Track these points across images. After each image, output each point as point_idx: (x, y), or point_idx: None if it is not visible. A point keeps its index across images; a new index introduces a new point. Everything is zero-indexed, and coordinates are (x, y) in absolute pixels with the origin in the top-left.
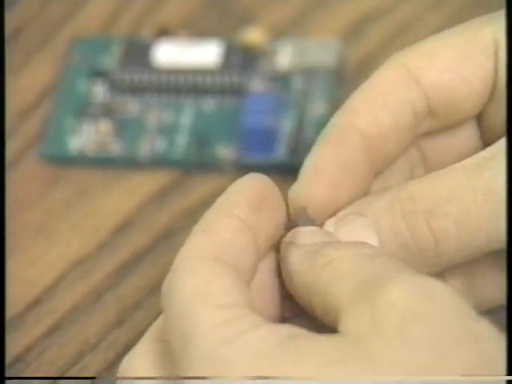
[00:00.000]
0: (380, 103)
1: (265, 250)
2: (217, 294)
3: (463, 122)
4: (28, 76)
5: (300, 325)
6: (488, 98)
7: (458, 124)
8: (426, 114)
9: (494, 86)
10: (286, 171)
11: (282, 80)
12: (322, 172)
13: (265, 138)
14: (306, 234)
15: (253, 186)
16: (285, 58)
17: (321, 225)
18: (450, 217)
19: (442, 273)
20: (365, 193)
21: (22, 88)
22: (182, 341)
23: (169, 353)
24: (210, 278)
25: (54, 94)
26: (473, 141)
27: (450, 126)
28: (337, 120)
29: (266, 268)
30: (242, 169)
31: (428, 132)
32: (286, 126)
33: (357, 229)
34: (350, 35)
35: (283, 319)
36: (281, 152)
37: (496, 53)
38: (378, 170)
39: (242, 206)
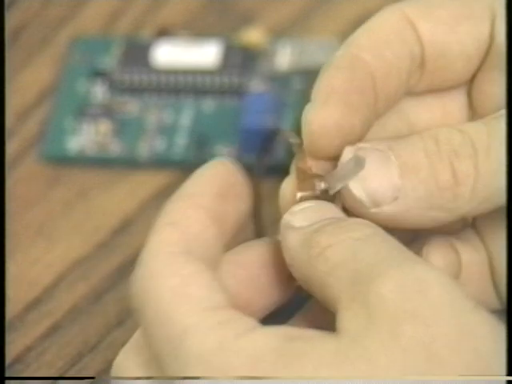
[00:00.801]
0: (384, 41)
1: (230, 239)
2: (200, 295)
3: (452, 85)
4: (28, 76)
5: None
6: (479, 64)
7: (447, 87)
8: (420, 64)
9: (488, 54)
10: (285, 171)
11: (281, 80)
12: (339, 93)
13: (264, 138)
14: (302, 214)
15: (218, 174)
16: (284, 58)
17: (337, 152)
18: (471, 159)
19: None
20: (369, 130)
21: (21, 88)
22: (171, 346)
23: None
24: (188, 278)
25: (53, 95)
26: (461, 112)
27: (439, 86)
28: (343, 51)
29: (253, 260)
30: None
31: (417, 90)
32: (286, 126)
33: (376, 159)
34: (350, 35)
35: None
36: (280, 152)
37: (493, 21)
38: (379, 111)
39: (207, 196)
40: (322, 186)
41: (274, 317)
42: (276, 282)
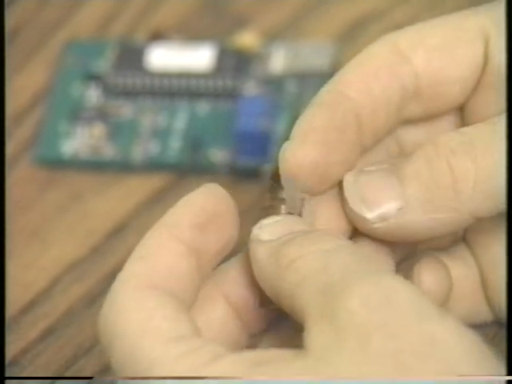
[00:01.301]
0: (372, 76)
1: (209, 270)
2: (164, 327)
3: (446, 110)
4: (22, 79)
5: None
6: (474, 85)
7: (440, 113)
8: (413, 95)
9: (484, 75)
10: None
11: (275, 83)
12: (317, 132)
13: (258, 142)
14: (270, 228)
15: (199, 204)
16: (278, 61)
17: (309, 191)
18: (469, 156)
19: None
20: (352, 165)
21: (15, 91)
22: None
23: None
24: (153, 311)
25: (47, 98)
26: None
27: (433, 113)
28: (329, 88)
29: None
30: (236, 172)
31: (410, 118)
32: (280, 129)
33: (377, 175)
34: (344, 38)
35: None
36: (274, 155)
37: (487, 41)
38: (365, 146)
39: (185, 227)
40: (283, 208)
41: None
42: (254, 312)
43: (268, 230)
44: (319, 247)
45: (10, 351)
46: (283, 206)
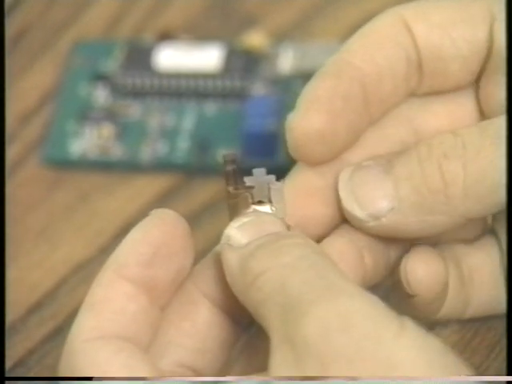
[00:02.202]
0: (376, 45)
1: (166, 300)
2: (122, 375)
3: (453, 87)
4: (30, 79)
5: None
6: (480, 67)
7: (448, 89)
8: (417, 67)
9: (489, 57)
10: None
11: (283, 84)
12: (322, 100)
13: (266, 142)
14: (240, 231)
15: (144, 239)
16: (286, 61)
17: (315, 161)
18: (460, 160)
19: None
20: (359, 135)
21: (24, 91)
22: None
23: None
24: (106, 363)
25: (56, 98)
26: (470, 117)
27: (440, 88)
28: (334, 58)
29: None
30: (244, 172)
31: (419, 92)
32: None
33: (371, 173)
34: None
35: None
36: (282, 156)
37: (492, 24)
38: (373, 116)
39: (130, 266)
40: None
41: None
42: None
43: (237, 233)
44: (279, 262)
45: (17, 352)
46: (250, 195)
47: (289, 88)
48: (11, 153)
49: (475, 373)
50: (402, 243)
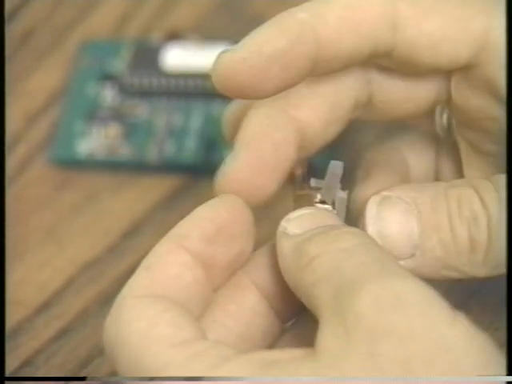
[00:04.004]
0: (351, 26)
1: (221, 282)
2: (167, 333)
3: (422, 73)
4: (37, 79)
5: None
6: (471, 57)
7: (415, 74)
8: (383, 56)
9: (468, 71)
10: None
11: None
12: (264, 57)
13: None
14: (296, 221)
15: (209, 216)
16: None
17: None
18: (486, 230)
19: None
20: (287, 89)
21: (31, 91)
22: None
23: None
24: (154, 319)
25: (63, 98)
26: (426, 101)
27: (408, 71)
28: (301, 16)
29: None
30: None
31: (381, 67)
32: None
33: (399, 213)
34: None
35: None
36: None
37: (483, 45)
38: (313, 74)
39: (192, 238)
40: (318, 197)
41: None
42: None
43: (295, 223)
44: (336, 246)
45: (24, 352)
46: (318, 195)
47: None
48: (18, 153)
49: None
50: None
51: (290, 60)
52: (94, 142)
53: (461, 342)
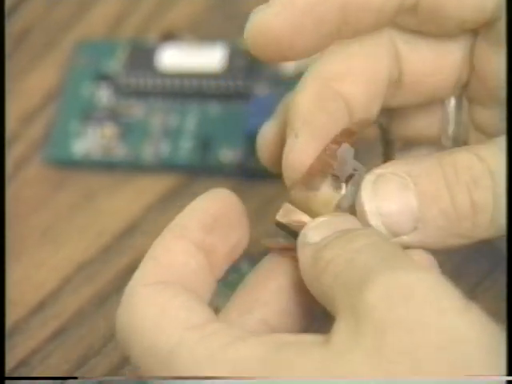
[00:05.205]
0: None
1: (221, 271)
2: (180, 316)
3: (445, 35)
4: (33, 79)
5: None
6: (478, 29)
7: (440, 33)
8: (409, 11)
9: (492, 27)
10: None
11: (286, 84)
12: (297, 11)
13: None
14: (316, 230)
15: (206, 207)
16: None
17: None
18: (490, 189)
19: None
20: (319, 51)
21: (27, 91)
22: (161, 368)
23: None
24: (166, 303)
25: (59, 98)
26: (455, 63)
27: (431, 32)
28: None
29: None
30: (247, 172)
31: (406, 29)
32: None
33: (395, 189)
34: None
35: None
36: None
37: None
38: (344, 37)
39: (192, 229)
40: (332, 176)
41: None
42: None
43: (314, 232)
44: (349, 247)
45: (20, 352)
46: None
47: (292, 88)
48: (14, 153)
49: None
50: None
51: (322, 12)
52: (90, 141)
53: (472, 332)
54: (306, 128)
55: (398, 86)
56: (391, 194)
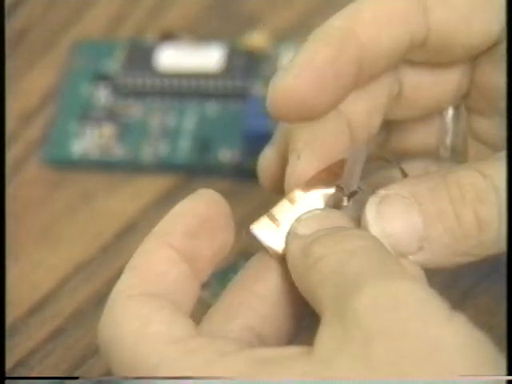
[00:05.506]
0: (387, 21)
1: (206, 275)
2: (162, 331)
3: (450, 64)
4: (31, 80)
5: None
6: (485, 50)
7: (444, 65)
8: (420, 46)
9: (496, 45)
10: None
11: None
12: (317, 69)
13: (267, 142)
14: (306, 222)
15: (190, 211)
16: (287, 61)
17: (286, 121)
18: (495, 206)
19: None
20: (339, 103)
21: (25, 91)
22: None
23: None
24: (148, 317)
25: (57, 98)
26: (457, 84)
27: (437, 62)
28: (339, 23)
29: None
30: (245, 172)
31: (414, 62)
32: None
33: (400, 210)
34: None
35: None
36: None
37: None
38: (359, 86)
39: (175, 235)
40: (336, 187)
41: None
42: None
43: (304, 224)
44: (341, 247)
45: (18, 352)
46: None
47: None
48: (13, 153)
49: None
50: None
51: (341, 66)
52: (88, 142)
53: (455, 341)
54: (307, 149)
55: (397, 99)
56: (396, 215)
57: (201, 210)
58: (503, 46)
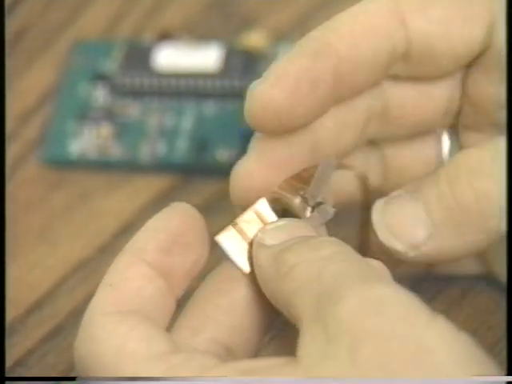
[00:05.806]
0: (365, 33)
1: (181, 290)
2: (142, 348)
3: (435, 77)
4: (29, 79)
5: None
6: (470, 61)
7: (429, 78)
8: (402, 57)
9: (484, 55)
10: None
11: None
12: (291, 78)
13: None
14: (273, 232)
15: (164, 226)
16: None
17: (265, 132)
18: (491, 178)
19: None
20: (322, 113)
21: (23, 91)
22: None
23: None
24: (126, 335)
25: (55, 98)
26: (447, 99)
27: (422, 76)
28: (316, 34)
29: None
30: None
31: (398, 76)
32: None
33: (402, 204)
34: None
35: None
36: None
37: (492, 23)
38: (340, 99)
39: (149, 251)
40: (301, 197)
41: None
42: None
43: (271, 234)
44: (316, 254)
45: (16, 352)
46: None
47: None
48: (10, 152)
49: (502, 372)
50: None
51: (316, 74)
52: (86, 141)
53: (441, 342)
54: (255, 151)
55: (384, 118)
56: (399, 207)
57: (174, 225)
58: (493, 54)
